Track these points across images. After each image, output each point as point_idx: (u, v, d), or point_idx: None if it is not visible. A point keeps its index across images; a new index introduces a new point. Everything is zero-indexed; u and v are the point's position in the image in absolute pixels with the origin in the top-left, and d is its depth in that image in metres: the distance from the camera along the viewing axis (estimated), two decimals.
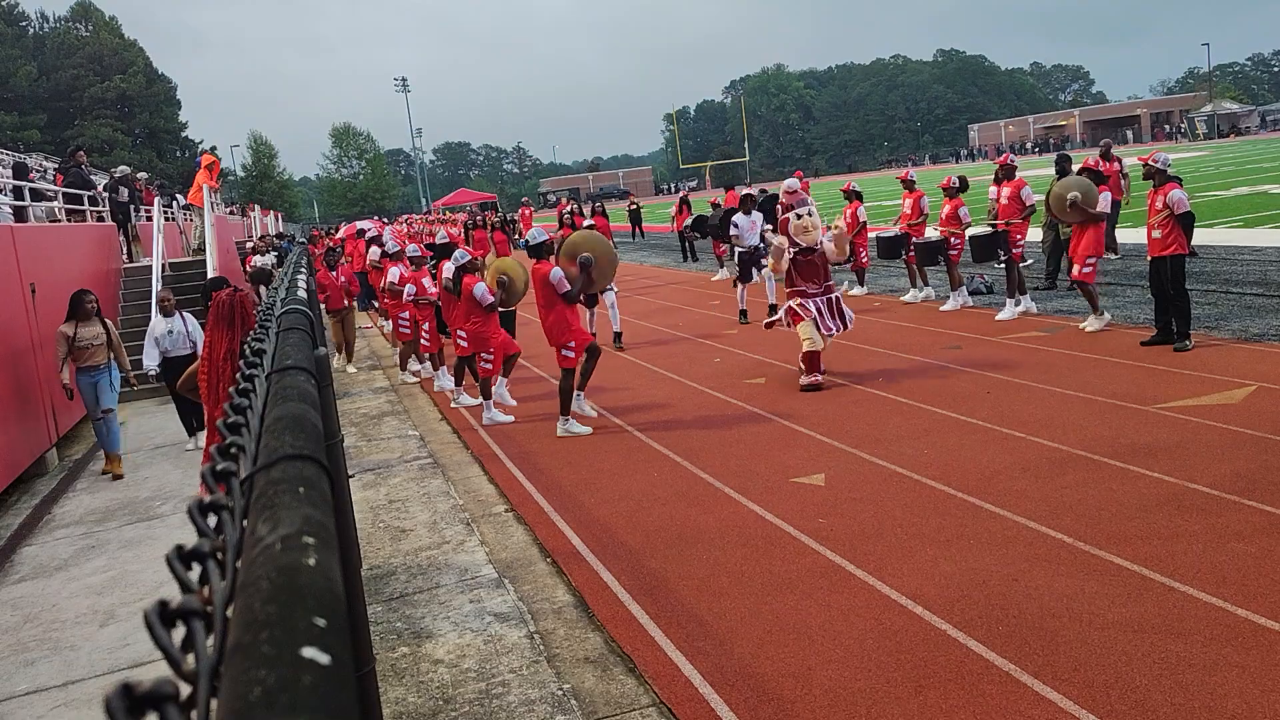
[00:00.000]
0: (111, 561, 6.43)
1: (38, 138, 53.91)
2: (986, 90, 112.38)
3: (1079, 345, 9.24)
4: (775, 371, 9.69)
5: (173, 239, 19.35)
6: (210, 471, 1.09)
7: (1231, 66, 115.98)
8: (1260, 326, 9.18)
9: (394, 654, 4.53)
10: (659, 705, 3.82)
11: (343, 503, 2.76)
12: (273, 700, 0.55)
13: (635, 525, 5.82)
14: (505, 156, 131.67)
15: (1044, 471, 5.89)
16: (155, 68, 67.46)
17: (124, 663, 4.87)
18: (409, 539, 6.10)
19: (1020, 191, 11.10)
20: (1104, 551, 4.68)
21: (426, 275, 10.97)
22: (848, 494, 5.92)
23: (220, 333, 4.95)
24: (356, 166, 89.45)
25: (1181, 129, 76.71)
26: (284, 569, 0.76)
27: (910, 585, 4.56)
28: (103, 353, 8.59)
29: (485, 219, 20.41)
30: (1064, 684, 3.60)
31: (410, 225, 32.24)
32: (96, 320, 8.71)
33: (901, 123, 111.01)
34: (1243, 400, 6.88)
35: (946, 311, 11.93)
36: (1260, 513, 4.92)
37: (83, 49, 63.55)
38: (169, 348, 9.13)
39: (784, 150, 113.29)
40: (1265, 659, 3.60)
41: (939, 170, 54.03)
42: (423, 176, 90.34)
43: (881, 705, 3.61)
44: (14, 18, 64.61)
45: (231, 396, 1.50)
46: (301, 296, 4.03)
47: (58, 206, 14.85)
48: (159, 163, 59.95)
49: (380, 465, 7.95)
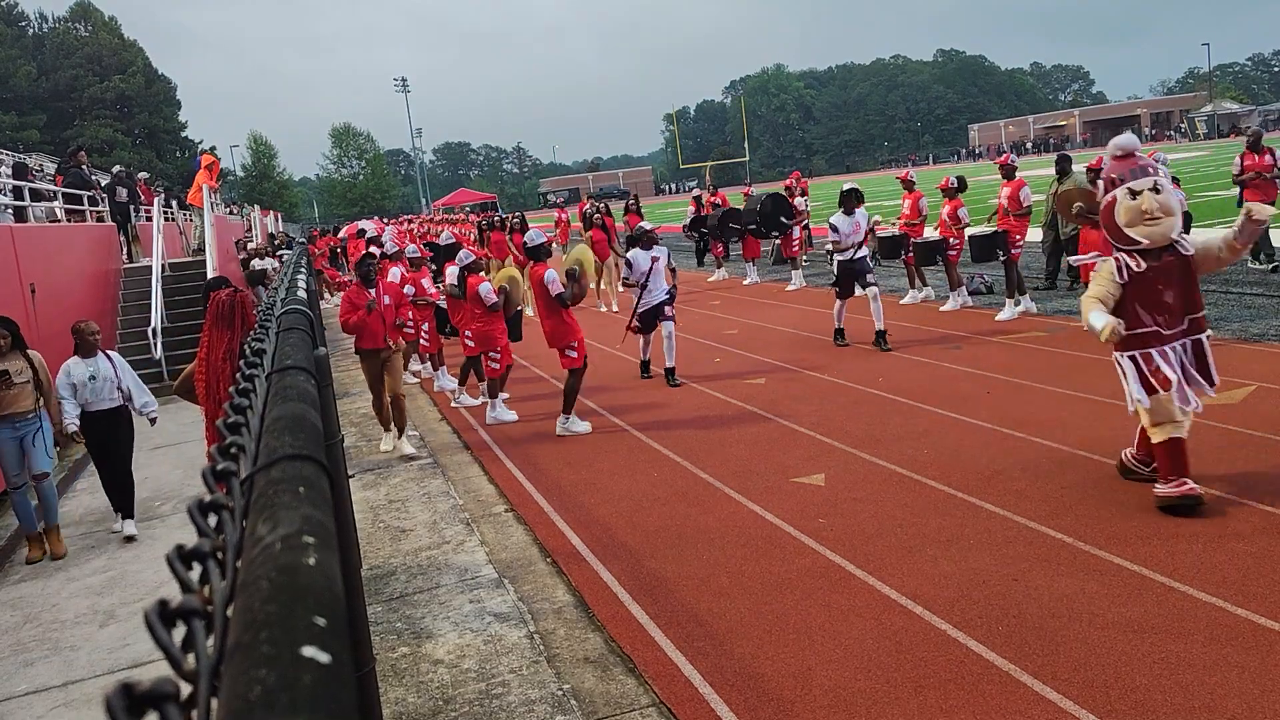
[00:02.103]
0: (111, 561, 6.43)
1: (37, 138, 53.88)
2: (986, 90, 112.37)
3: (1079, 345, 9.24)
4: (775, 371, 9.69)
5: (172, 239, 19.35)
6: (210, 471, 1.09)
7: (1231, 66, 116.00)
8: (1260, 326, 9.18)
9: (394, 654, 4.53)
10: (659, 705, 3.82)
11: (343, 503, 2.76)
12: (273, 700, 0.55)
13: (635, 525, 5.82)
14: (505, 156, 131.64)
15: (1044, 471, 5.89)
16: (155, 68, 67.42)
17: (124, 663, 4.87)
18: (409, 539, 6.10)
19: (1020, 192, 11.10)
20: (1104, 551, 4.68)
21: (426, 275, 10.97)
22: (848, 494, 5.92)
23: (219, 333, 4.95)
24: (356, 166, 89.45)
25: (1181, 129, 76.70)
26: (284, 569, 0.76)
27: (910, 585, 4.56)
28: (27, 397, 6.52)
29: (502, 220, 19.76)
30: (1064, 684, 3.60)
31: (418, 224, 32.01)
32: (18, 353, 6.57)
33: (901, 123, 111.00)
34: (1243, 400, 6.88)
35: (946, 311, 11.93)
36: (1260, 513, 4.92)
37: (82, 49, 63.53)
38: (90, 399, 6.74)
39: (784, 150, 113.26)
40: (1265, 659, 3.60)
41: (939, 170, 54.07)
42: (423, 176, 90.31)
43: (881, 705, 3.61)
44: (13, 18, 64.58)
45: (232, 396, 1.50)
46: (301, 296, 4.03)
47: (58, 206, 14.85)
48: (159, 163, 59.95)
49: (380, 465, 7.95)
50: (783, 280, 16.86)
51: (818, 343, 10.93)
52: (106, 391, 6.83)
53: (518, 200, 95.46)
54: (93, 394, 6.77)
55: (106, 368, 6.87)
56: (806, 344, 10.95)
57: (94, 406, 6.79)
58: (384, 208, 79.63)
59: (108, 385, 6.83)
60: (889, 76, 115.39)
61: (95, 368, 6.83)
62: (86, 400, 6.74)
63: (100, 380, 6.80)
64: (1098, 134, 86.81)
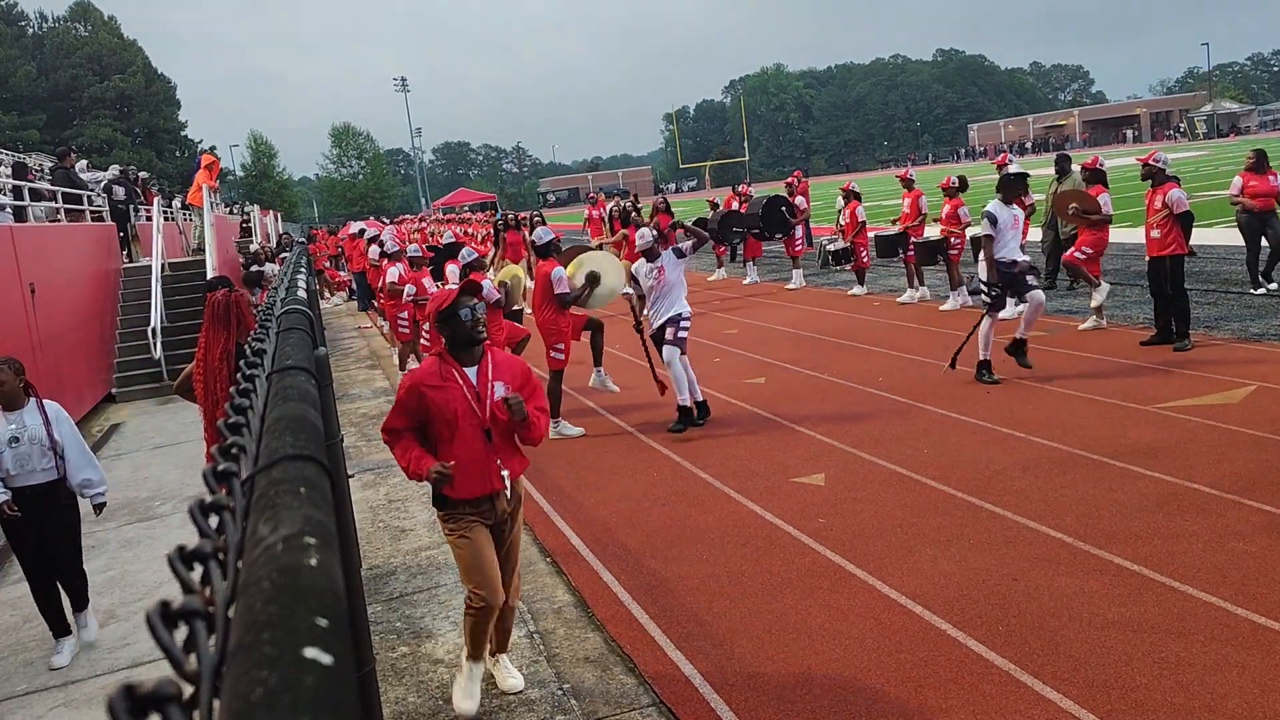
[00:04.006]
0: (111, 561, 6.43)
1: (37, 138, 53.86)
2: (986, 90, 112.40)
3: (1079, 345, 9.25)
4: (775, 371, 9.69)
5: (172, 239, 19.35)
6: (211, 472, 1.09)
7: (1231, 66, 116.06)
8: (1260, 326, 9.18)
9: (394, 654, 4.53)
10: (659, 705, 3.82)
11: (343, 503, 2.76)
12: (275, 700, 0.55)
13: (635, 525, 5.82)
14: (505, 156, 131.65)
15: (1044, 471, 5.89)
16: (154, 67, 67.38)
17: (124, 663, 4.87)
18: (409, 539, 6.10)
19: None
20: (1104, 551, 4.68)
21: (426, 275, 10.98)
22: (848, 494, 5.92)
23: (215, 333, 4.95)
24: (356, 166, 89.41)
25: (1181, 129, 76.71)
26: (285, 569, 0.76)
27: (910, 585, 4.56)
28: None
29: (517, 219, 19.36)
30: (1064, 684, 3.60)
31: (425, 223, 31.79)
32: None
33: (901, 122, 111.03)
34: (1242, 400, 6.88)
35: (946, 311, 11.93)
36: (1260, 513, 4.92)
37: (82, 49, 63.51)
38: (11, 469, 4.73)
39: (783, 150, 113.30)
40: (1265, 659, 3.60)
41: (939, 170, 54.07)
42: (422, 176, 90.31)
43: (881, 705, 3.61)
44: (13, 18, 64.55)
45: (232, 397, 1.50)
46: (301, 296, 4.03)
47: (57, 206, 14.85)
48: (158, 162, 59.92)
49: (380, 465, 7.95)
50: (782, 280, 16.86)
51: (818, 343, 10.93)
52: (36, 459, 4.77)
53: (517, 200, 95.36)
54: (14, 463, 4.74)
55: (36, 425, 4.77)
56: (806, 344, 10.95)
57: (19, 480, 4.75)
58: (384, 207, 79.59)
59: (36, 450, 4.76)
60: (888, 76, 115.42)
61: (19, 425, 4.75)
62: (6, 472, 4.72)
63: (26, 444, 4.74)
64: (1097, 134, 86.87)
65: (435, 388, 3.77)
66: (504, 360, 3.95)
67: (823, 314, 12.94)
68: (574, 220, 33.35)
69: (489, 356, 3.88)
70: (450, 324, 3.82)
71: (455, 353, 3.84)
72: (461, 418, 3.75)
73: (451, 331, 3.83)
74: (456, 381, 3.79)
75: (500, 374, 3.86)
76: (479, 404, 3.80)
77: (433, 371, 3.82)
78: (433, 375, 3.80)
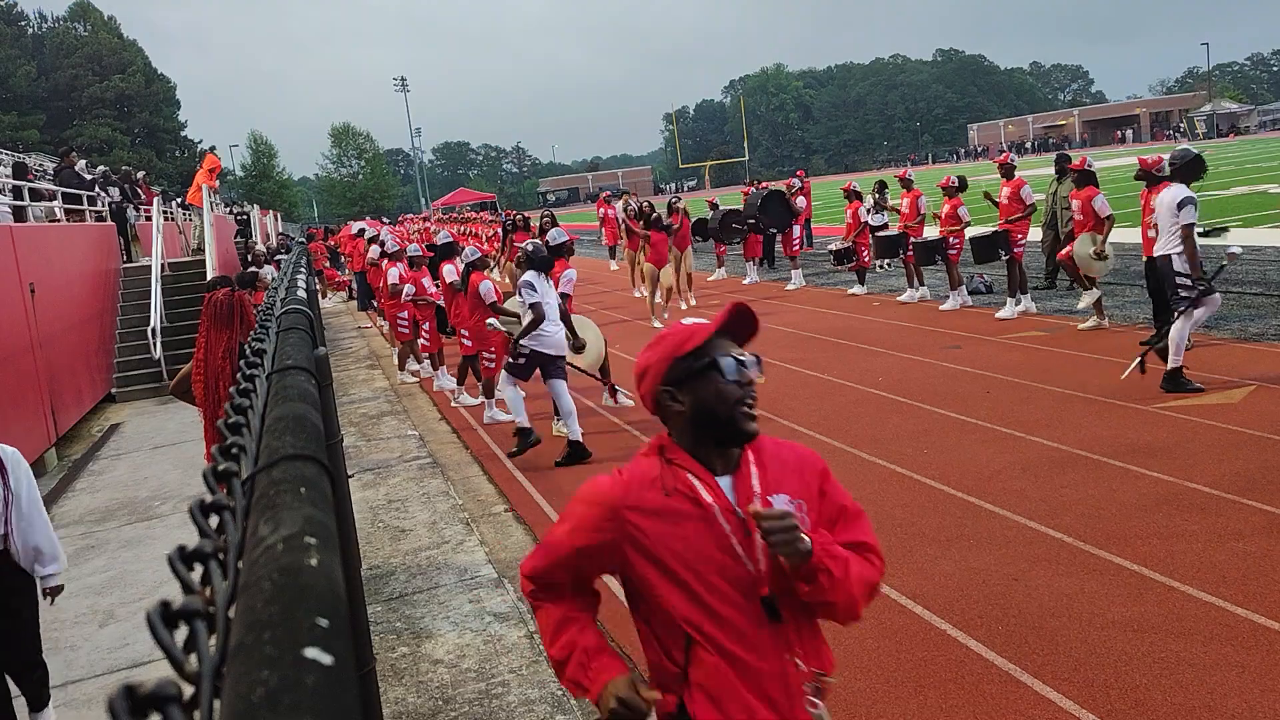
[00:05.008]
0: (111, 561, 6.43)
1: (37, 138, 53.85)
2: (986, 90, 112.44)
3: (1079, 345, 9.25)
4: (775, 371, 9.69)
5: (172, 239, 19.35)
6: (212, 471, 1.09)
7: (1231, 66, 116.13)
8: (1260, 326, 9.18)
9: (394, 654, 4.53)
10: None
11: (343, 503, 2.76)
12: (275, 701, 0.55)
13: None
14: (505, 156, 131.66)
15: (1044, 471, 5.89)
16: (154, 67, 67.38)
17: (124, 663, 4.87)
18: (409, 539, 6.10)
19: (1020, 191, 11.10)
20: (1104, 551, 4.68)
21: (426, 275, 10.97)
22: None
23: (217, 333, 4.95)
24: (356, 166, 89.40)
25: (1181, 129, 76.72)
26: (286, 569, 0.76)
27: (910, 585, 4.56)
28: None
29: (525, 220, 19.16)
30: (1064, 684, 3.60)
31: (429, 222, 31.79)
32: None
33: (901, 122, 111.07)
34: (1242, 400, 6.88)
35: (946, 311, 11.94)
36: (1260, 513, 4.92)
37: (81, 49, 63.49)
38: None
39: (783, 150, 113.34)
40: (1265, 659, 3.60)
41: (939, 170, 54.07)
42: (422, 176, 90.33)
43: (881, 705, 3.61)
44: (13, 17, 64.56)
45: (232, 396, 1.50)
46: (301, 296, 4.03)
47: (57, 206, 14.85)
48: (158, 162, 59.94)
49: (380, 465, 7.95)
50: (782, 280, 16.86)
51: (818, 342, 10.93)
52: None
53: (517, 200, 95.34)
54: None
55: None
56: (806, 344, 10.95)
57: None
58: (384, 207, 79.59)
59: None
60: (888, 76, 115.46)
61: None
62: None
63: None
64: (1097, 133, 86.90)
65: (657, 515, 1.87)
66: (778, 451, 2.04)
67: (823, 314, 12.94)
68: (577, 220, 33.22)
69: (749, 451, 1.97)
70: (696, 388, 1.94)
71: (699, 448, 1.94)
72: (716, 573, 1.85)
73: (695, 402, 1.93)
74: (704, 501, 1.87)
75: (778, 475, 1.97)
76: (747, 544, 1.86)
77: (650, 480, 1.92)
78: (651, 488, 1.91)
